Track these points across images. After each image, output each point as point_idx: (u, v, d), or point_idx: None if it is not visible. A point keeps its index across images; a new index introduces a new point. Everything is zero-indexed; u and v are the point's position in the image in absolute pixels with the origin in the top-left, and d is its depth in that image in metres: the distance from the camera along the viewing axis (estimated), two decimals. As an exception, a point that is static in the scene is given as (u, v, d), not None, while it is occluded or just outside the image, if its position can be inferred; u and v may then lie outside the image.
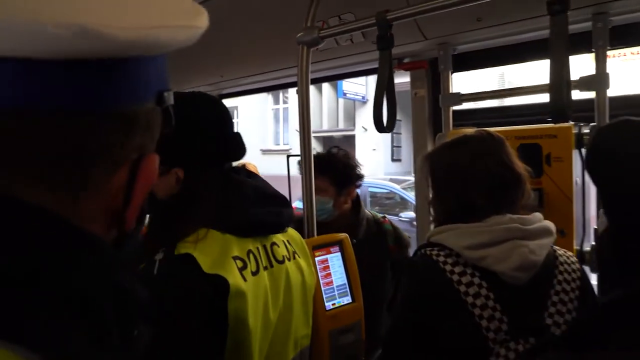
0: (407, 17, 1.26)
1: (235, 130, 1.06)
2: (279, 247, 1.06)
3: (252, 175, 1.08)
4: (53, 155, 0.43)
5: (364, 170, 2.11)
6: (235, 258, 0.92)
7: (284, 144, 15.38)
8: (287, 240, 1.12)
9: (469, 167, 1.08)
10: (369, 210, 2.20)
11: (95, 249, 0.45)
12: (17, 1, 0.38)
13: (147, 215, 0.89)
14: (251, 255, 0.96)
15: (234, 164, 1.07)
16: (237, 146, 1.03)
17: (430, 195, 1.23)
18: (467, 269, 1.02)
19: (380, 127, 1.27)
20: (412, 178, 9.74)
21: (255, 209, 0.99)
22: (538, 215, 1.10)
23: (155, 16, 0.45)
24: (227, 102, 1.66)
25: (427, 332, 1.03)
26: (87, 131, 0.43)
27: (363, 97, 13.54)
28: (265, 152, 15.03)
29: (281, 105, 15.66)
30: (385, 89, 1.26)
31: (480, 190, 1.07)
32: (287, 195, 1.11)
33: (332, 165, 1.94)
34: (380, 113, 1.27)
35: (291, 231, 1.17)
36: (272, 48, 2.40)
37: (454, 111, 1.94)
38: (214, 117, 1.00)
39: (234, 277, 0.88)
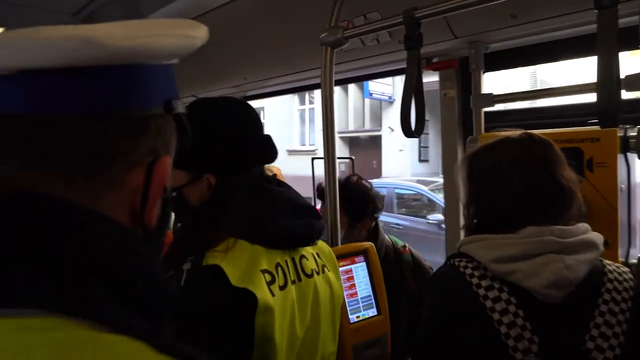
0: (436, 15, 1.19)
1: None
2: (308, 260, 1.02)
3: (283, 185, 1.05)
4: (74, 156, 0.48)
5: (390, 171, 2.04)
6: (263, 272, 0.89)
7: (309, 145, 15.38)
8: (317, 253, 1.08)
9: (507, 172, 1.00)
10: (389, 237, 2.10)
11: (139, 242, 0.52)
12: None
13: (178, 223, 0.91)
14: (279, 269, 0.93)
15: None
16: (268, 149, 1.01)
17: (463, 200, 1.15)
18: (494, 283, 0.95)
19: (408, 132, 1.19)
20: (440, 179, 9.55)
21: (287, 220, 0.96)
22: (583, 226, 0.99)
23: (154, 28, 0.51)
24: (253, 104, 1.63)
25: (452, 346, 0.95)
26: (100, 134, 0.49)
27: (390, 97, 13.38)
28: (291, 152, 15.07)
29: (307, 106, 15.67)
30: (413, 91, 1.19)
31: (516, 198, 0.99)
32: (311, 198, 1.07)
33: (347, 195, 1.80)
34: (409, 117, 1.19)
35: (321, 243, 1.11)
36: (296, 49, 2.36)
37: (485, 112, 1.86)
38: (243, 120, 0.98)
39: (262, 292, 0.85)
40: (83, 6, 2.48)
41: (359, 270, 1.34)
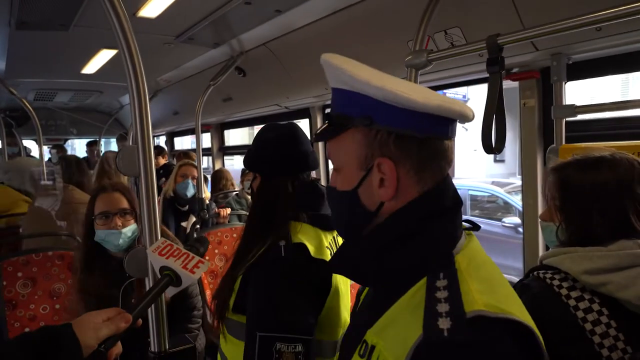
0: (519, 41, 1.26)
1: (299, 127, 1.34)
2: (338, 237, 1.32)
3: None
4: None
5: (464, 171, 2.12)
6: (327, 248, 1.23)
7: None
8: None
9: (614, 195, 1.02)
10: None
11: None
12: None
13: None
14: (332, 245, 1.27)
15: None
16: (306, 160, 1.28)
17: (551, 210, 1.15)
18: (584, 294, 0.97)
19: (489, 149, 1.28)
20: (517, 181, 9.16)
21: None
22: None
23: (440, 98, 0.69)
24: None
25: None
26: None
27: (464, 96, 13.02)
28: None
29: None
30: (494, 111, 1.27)
31: (617, 218, 1.02)
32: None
33: None
34: (490, 135, 1.27)
35: None
36: (375, 60, 2.48)
37: (566, 121, 1.86)
38: (285, 139, 1.27)
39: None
40: (184, 31, 2.78)
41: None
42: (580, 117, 1.85)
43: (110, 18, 1.03)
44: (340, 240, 1.32)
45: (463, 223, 0.75)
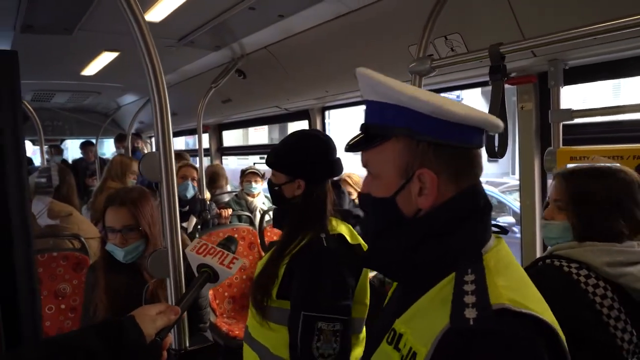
0: (521, 50, 1.32)
1: (329, 135, 1.52)
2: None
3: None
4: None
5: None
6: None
7: (374, 145, 15.41)
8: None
9: (630, 200, 1.15)
10: None
11: None
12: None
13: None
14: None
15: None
16: (339, 166, 1.45)
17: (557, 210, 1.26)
18: (600, 283, 1.08)
19: (492, 154, 1.33)
20: (510, 181, 9.24)
21: (352, 206, 1.59)
22: None
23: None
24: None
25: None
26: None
27: (457, 97, 13.11)
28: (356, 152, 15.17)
29: (371, 106, 15.67)
30: (497, 116, 1.32)
31: (629, 221, 1.14)
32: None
33: None
34: (493, 140, 1.33)
35: None
36: (376, 65, 2.52)
37: (563, 124, 1.92)
38: (325, 147, 1.44)
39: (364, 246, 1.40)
40: (186, 34, 2.81)
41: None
42: (576, 120, 1.92)
43: (128, 20, 1.06)
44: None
45: (492, 227, 0.80)
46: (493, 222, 0.80)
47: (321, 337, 1.21)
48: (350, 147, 0.82)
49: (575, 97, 2.17)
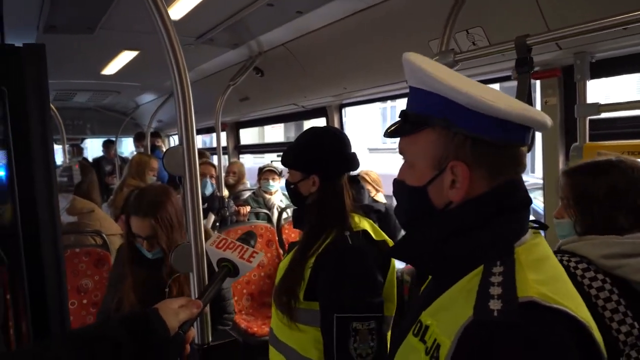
0: (548, 42, 1.29)
1: (344, 131, 1.53)
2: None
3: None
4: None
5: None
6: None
7: (391, 143, 15.34)
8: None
9: (625, 194, 1.13)
10: None
11: None
12: None
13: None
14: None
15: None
16: (354, 161, 1.43)
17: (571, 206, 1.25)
18: (598, 276, 1.09)
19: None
20: (530, 179, 9.07)
21: (371, 201, 1.60)
22: None
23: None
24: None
25: None
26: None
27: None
28: (372, 150, 15.13)
29: (388, 104, 15.60)
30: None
31: (631, 214, 1.13)
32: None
33: None
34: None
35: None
36: (395, 61, 2.50)
37: (589, 119, 1.88)
38: (338, 142, 1.42)
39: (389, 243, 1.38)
40: (205, 32, 2.83)
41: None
42: (603, 115, 1.87)
43: (153, 17, 1.05)
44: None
45: (530, 222, 0.77)
46: (532, 219, 0.78)
47: (357, 338, 1.19)
48: (389, 133, 0.80)
49: (597, 93, 2.12)
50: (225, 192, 3.69)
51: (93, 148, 9.23)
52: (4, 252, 0.87)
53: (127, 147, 9.35)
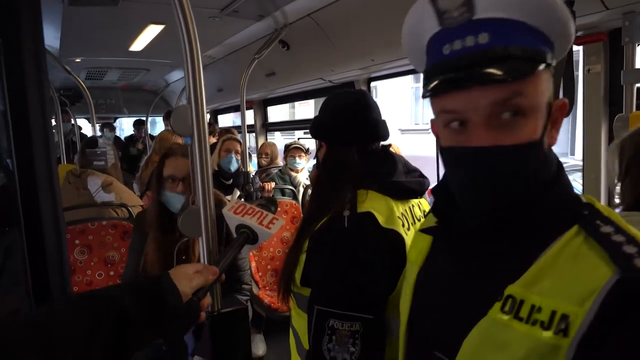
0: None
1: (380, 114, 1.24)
2: (414, 208, 1.22)
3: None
4: None
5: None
6: (399, 217, 1.12)
7: (423, 124, 15.02)
8: (419, 203, 1.26)
9: None
10: None
11: None
12: None
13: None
14: (404, 216, 1.15)
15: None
16: (376, 128, 1.20)
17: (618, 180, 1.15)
18: None
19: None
20: (570, 160, 8.67)
21: (405, 177, 1.21)
22: None
23: None
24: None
25: None
26: None
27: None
28: (404, 131, 14.86)
29: (421, 84, 15.22)
30: (562, 74, 1.17)
31: None
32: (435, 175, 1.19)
33: None
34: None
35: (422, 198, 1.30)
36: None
37: (637, 88, 1.72)
38: (353, 106, 1.20)
39: (403, 233, 1.09)
40: (229, 3, 2.76)
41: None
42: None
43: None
44: (417, 211, 1.22)
45: None
46: None
47: (333, 338, 0.98)
48: (499, 77, 0.61)
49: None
50: (251, 168, 3.67)
51: (122, 127, 9.43)
52: (2, 214, 0.86)
53: (160, 127, 9.52)
